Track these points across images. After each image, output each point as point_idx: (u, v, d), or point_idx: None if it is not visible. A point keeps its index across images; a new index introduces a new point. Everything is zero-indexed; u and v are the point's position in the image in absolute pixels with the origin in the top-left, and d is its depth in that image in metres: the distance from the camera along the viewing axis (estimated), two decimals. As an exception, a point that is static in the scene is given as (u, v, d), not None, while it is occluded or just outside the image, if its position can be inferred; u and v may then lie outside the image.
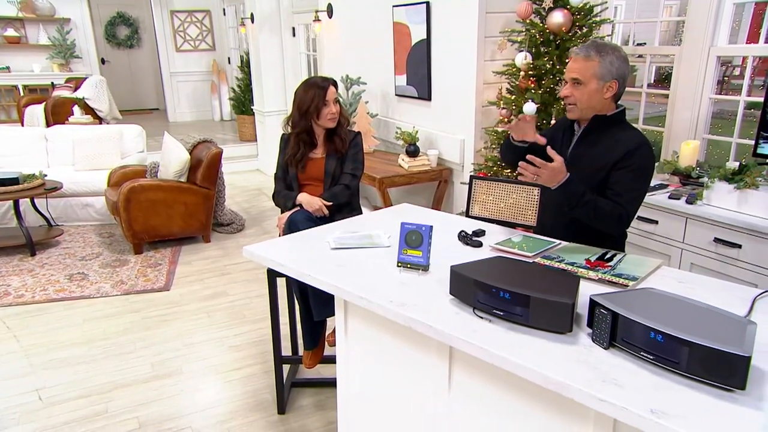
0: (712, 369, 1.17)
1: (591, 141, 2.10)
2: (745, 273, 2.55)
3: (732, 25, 3.18)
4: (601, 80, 2.00)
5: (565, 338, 1.40)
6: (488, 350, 1.36)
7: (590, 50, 2.01)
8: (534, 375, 1.29)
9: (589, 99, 2.03)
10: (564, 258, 1.84)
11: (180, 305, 3.75)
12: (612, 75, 2.01)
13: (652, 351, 1.25)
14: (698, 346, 1.18)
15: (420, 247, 1.78)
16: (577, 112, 2.09)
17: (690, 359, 1.19)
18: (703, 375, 1.19)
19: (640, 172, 2.00)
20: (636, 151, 1.98)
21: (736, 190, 2.61)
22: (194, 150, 4.85)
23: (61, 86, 7.88)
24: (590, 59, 2.00)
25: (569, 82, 2.06)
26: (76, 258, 4.50)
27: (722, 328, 1.25)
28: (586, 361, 1.30)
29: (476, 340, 1.40)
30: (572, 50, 2.10)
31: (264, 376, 2.93)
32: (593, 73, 2.00)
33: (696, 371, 1.19)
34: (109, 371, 2.99)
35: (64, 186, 4.95)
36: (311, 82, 2.73)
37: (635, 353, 1.29)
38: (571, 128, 2.20)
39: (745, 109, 3.12)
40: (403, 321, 1.56)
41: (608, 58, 2.00)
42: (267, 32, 6.65)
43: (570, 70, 2.06)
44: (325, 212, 2.70)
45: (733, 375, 1.15)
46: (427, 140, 4.27)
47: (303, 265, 1.91)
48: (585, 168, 2.06)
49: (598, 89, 2.01)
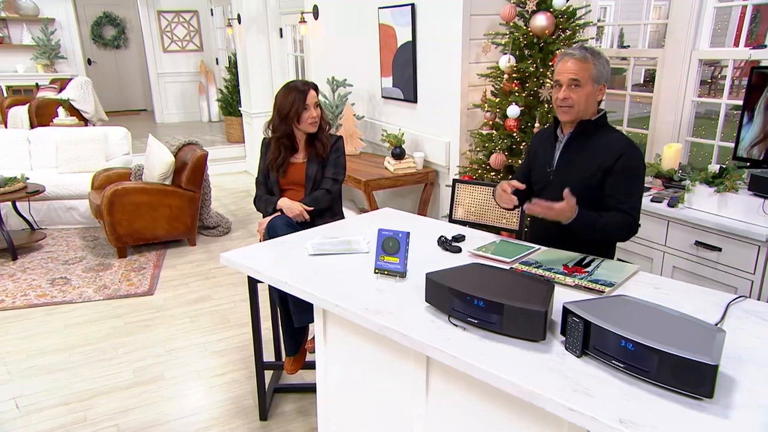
0: (681, 377, 1.18)
1: (578, 146, 2.11)
2: (725, 276, 2.57)
3: (714, 28, 3.20)
4: (596, 83, 2.01)
5: (539, 346, 1.40)
6: (460, 358, 1.37)
7: (586, 53, 2.00)
8: (505, 384, 1.29)
9: (586, 101, 2.03)
10: (542, 264, 1.84)
11: (163, 310, 3.72)
12: (603, 78, 2.03)
13: (623, 359, 1.26)
14: (667, 354, 1.18)
15: (397, 253, 1.78)
16: (573, 113, 2.05)
17: (659, 367, 1.20)
18: (672, 383, 1.19)
19: (635, 173, 2.01)
20: (624, 153, 2.00)
21: (717, 193, 2.63)
22: (179, 152, 4.82)
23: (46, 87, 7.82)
24: (587, 61, 1.99)
25: (566, 83, 2.01)
26: (58, 262, 4.47)
27: (692, 336, 1.26)
28: (558, 370, 1.31)
29: (449, 348, 1.40)
30: (565, 51, 2.06)
31: (247, 382, 2.91)
32: (589, 75, 1.99)
33: (665, 379, 1.20)
34: (90, 378, 2.96)
35: (47, 189, 4.89)
36: (291, 86, 2.72)
37: (607, 361, 1.30)
38: (553, 136, 2.20)
39: (730, 110, 3.14)
40: (378, 329, 1.56)
41: (601, 61, 2.01)
42: (254, 33, 6.63)
43: (568, 71, 2.01)
44: (306, 217, 2.68)
45: (701, 383, 1.16)
46: (413, 142, 4.27)
47: (280, 272, 1.90)
48: (574, 174, 2.07)
49: (593, 92, 2.02)
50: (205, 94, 10.17)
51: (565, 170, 2.12)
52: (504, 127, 3.30)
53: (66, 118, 6.69)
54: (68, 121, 6.63)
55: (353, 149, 4.69)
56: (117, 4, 10.77)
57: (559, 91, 2.04)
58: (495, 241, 2.15)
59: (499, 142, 3.30)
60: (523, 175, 2.36)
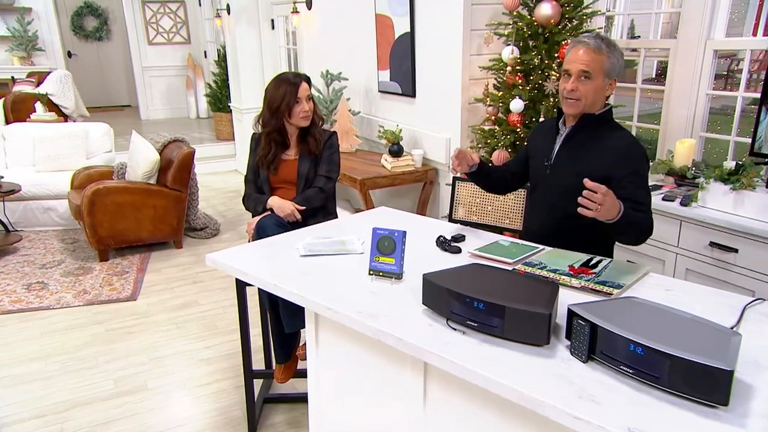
0: (694, 384, 1.17)
1: (579, 141, 2.10)
2: (741, 278, 2.56)
3: (730, 17, 3.20)
4: (607, 77, 2.01)
5: (543, 351, 1.40)
6: (460, 364, 1.36)
7: (601, 43, 1.98)
8: (507, 391, 1.28)
9: (594, 95, 2.01)
10: (546, 264, 1.83)
11: (147, 316, 3.71)
12: (615, 73, 2.02)
13: (632, 364, 1.25)
14: (679, 359, 1.18)
15: (393, 254, 1.77)
16: (579, 106, 2.03)
17: (671, 373, 1.19)
18: (685, 390, 1.18)
19: (641, 173, 2.00)
20: (628, 154, 1.99)
21: (732, 191, 2.62)
22: (165, 150, 4.82)
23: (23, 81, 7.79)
24: (601, 53, 1.97)
25: (575, 74, 1.98)
26: (35, 266, 4.45)
27: (706, 339, 1.25)
28: (563, 376, 1.30)
29: (448, 353, 1.40)
30: (578, 39, 2.03)
31: (235, 392, 2.90)
32: (601, 68, 1.98)
33: (677, 386, 1.19)
34: (68, 388, 2.95)
35: (23, 188, 4.89)
36: (282, 78, 2.72)
37: (614, 367, 1.29)
38: (555, 128, 2.20)
39: (747, 105, 3.14)
40: (373, 333, 1.55)
41: (616, 54, 2.00)
42: (244, 24, 6.62)
43: (579, 60, 1.97)
44: (298, 217, 2.68)
45: (716, 390, 1.15)
46: (411, 139, 4.27)
47: (269, 273, 1.89)
48: (572, 170, 2.06)
49: (602, 86, 2.01)
50: (193, 88, 10.16)
51: (563, 165, 2.12)
52: (507, 123, 3.30)
53: (44, 114, 6.67)
54: (46, 117, 6.61)
55: (348, 146, 4.68)
56: (99, -7, 10.77)
57: (567, 81, 2.02)
58: (497, 241, 2.14)
59: (502, 138, 3.30)
60: (517, 164, 2.37)
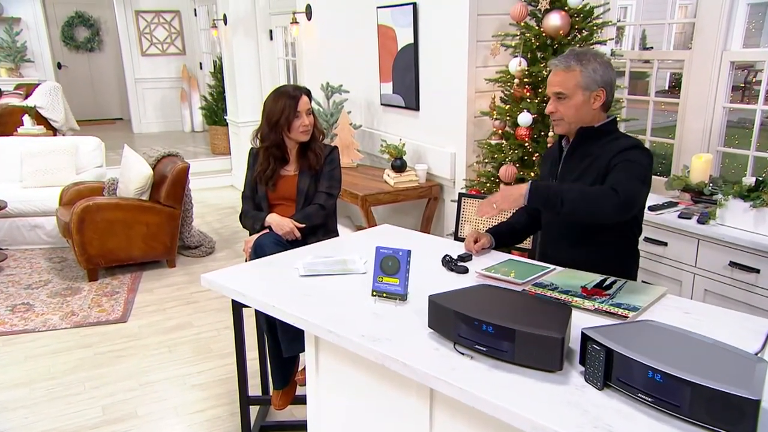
0: (717, 413, 1.16)
1: (580, 154, 2.14)
2: (763, 300, 2.55)
3: (748, 26, 3.23)
4: (586, 90, 2.04)
5: (555, 377, 1.39)
6: (468, 391, 1.35)
7: (569, 60, 2.05)
8: (518, 419, 1.27)
9: (577, 112, 2.07)
10: (558, 285, 1.83)
11: (138, 339, 3.70)
12: (597, 83, 2.04)
13: (651, 392, 1.24)
14: (701, 387, 1.16)
15: (397, 274, 1.77)
16: (565, 126, 2.12)
17: (692, 402, 1.18)
18: (707, 420, 1.17)
19: (633, 164, 1.95)
20: (625, 149, 2.01)
21: (753, 208, 2.62)
22: (158, 164, 4.84)
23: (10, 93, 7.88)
24: (571, 69, 2.04)
25: (552, 97, 2.10)
26: (20, 286, 4.45)
27: (729, 366, 1.25)
28: (577, 404, 1.29)
29: (455, 379, 1.39)
30: (550, 63, 2.14)
31: (230, 419, 2.88)
32: (576, 83, 2.03)
33: (699, 416, 1.18)
34: (53, 416, 2.93)
35: (10, 205, 4.90)
36: (282, 91, 2.74)
37: (632, 395, 1.28)
38: (558, 149, 2.26)
39: (765, 118, 3.15)
40: (376, 358, 1.54)
41: (590, 66, 2.03)
42: (241, 35, 6.69)
43: (550, 84, 2.09)
44: (297, 235, 2.68)
45: (741, 421, 1.13)
46: (415, 154, 4.29)
47: (267, 294, 1.90)
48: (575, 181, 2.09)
49: (585, 100, 2.05)
50: (188, 101, 10.23)
51: (567, 180, 2.14)
52: (515, 137, 3.31)
53: (32, 127, 6.72)
54: (35, 131, 6.67)
55: (350, 161, 4.70)
56: (91, 3, 10.90)
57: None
58: (505, 260, 2.14)
59: (510, 153, 3.30)
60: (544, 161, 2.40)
